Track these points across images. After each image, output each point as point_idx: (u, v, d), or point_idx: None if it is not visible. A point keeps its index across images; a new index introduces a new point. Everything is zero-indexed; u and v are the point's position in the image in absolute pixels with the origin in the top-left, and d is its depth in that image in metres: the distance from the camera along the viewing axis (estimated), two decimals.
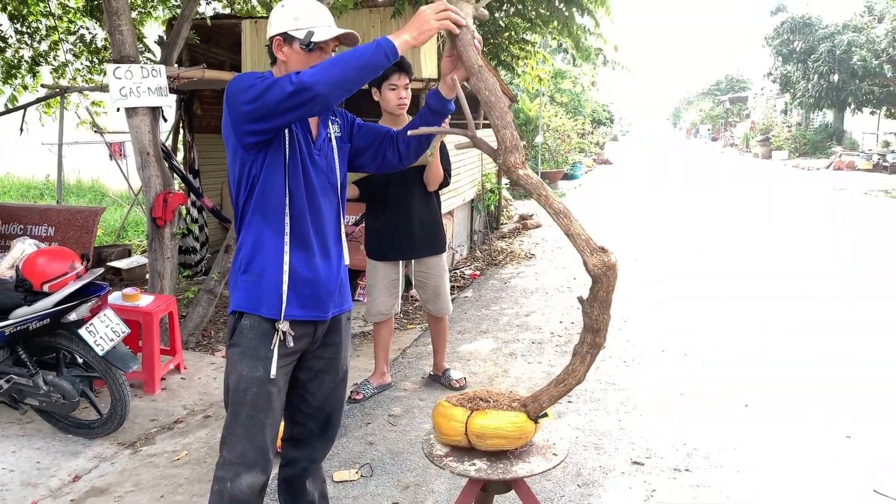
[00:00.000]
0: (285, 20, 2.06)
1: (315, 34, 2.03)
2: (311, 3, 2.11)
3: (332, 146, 2.21)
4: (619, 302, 6.01)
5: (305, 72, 1.87)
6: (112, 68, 4.65)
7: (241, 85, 1.96)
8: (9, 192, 12.39)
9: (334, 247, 2.19)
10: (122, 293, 4.22)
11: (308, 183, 2.10)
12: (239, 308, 2.08)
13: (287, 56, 2.07)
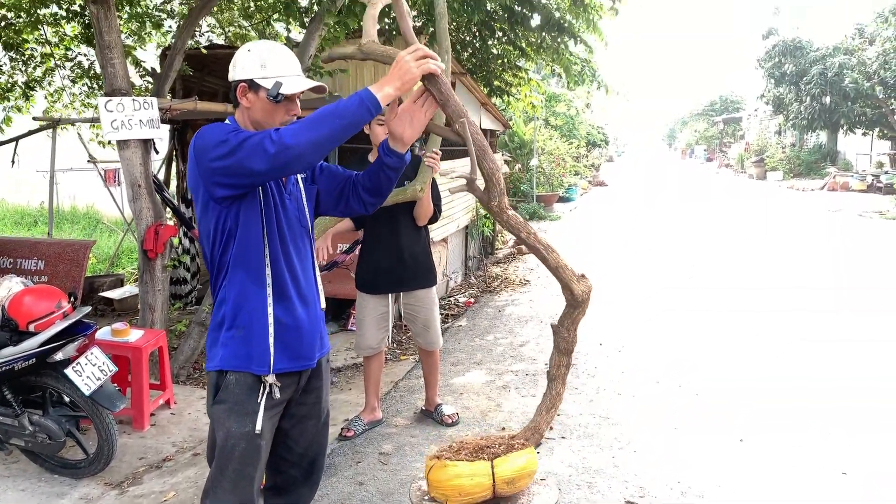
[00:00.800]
0: (252, 67, 2.01)
1: (283, 85, 1.98)
2: (279, 50, 2.06)
3: (300, 188, 2.18)
4: (613, 330, 6.02)
5: (286, 131, 1.82)
6: (104, 101, 4.66)
7: (210, 140, 1.90)
8: (3, 220, 12.37)
9: (312, 291, 2.17)
10: (112, 328, 4.18)
11: (281, 230, 2.06)
12: (226, 367, 2.02)
13: (252, 103, 2.02)
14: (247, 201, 1.99)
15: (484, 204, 2.17)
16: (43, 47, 7.98)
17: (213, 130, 1.93)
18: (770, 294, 7.38)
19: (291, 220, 2.10)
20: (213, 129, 1.94)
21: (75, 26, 7.94)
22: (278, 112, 2.02)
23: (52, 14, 7.79)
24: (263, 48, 2.04)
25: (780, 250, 10.16)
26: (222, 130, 1.91)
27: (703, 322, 6.30)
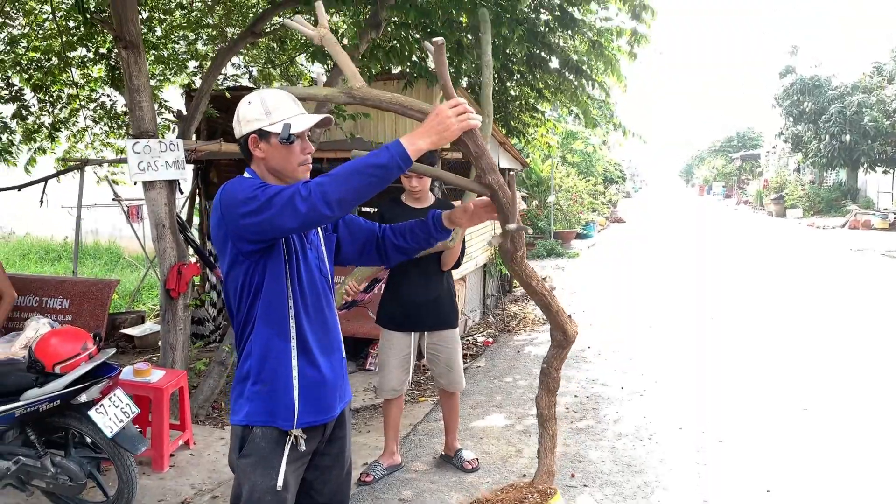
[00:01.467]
0: (257, 117, 2.00)
1: (292, 125, 1.98)
2: (279, 95, 2.05)
3: (319, 237, 2.18)
4: (635, 373, 5.95)
5: (316, 187, 1.80)
6: (131, 143, 4.75)
7: (237, 196, 1.89)
8: (28, 255, 12.55)
9: (335, 340, 2.17)
10: (133, 368, 4.21)
11: (303, 281, 2.06)
12: (251, 422, 2.02)
13: (265, 152, 2.02)
14: (272, 255, 1.99)
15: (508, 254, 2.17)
16: (70, 89, 8.18)
17: (240, 186, 1.92)
18: (795, 337, 7.28)
19: (312, 270, 2.10)
20: (239, 185, 1.93)
21: (101, 68, 8.16)
22: (293, 154, 2.02)
23: (80, 56, 8.02)
24: (263, 96, 2.03)
25: (805, 291, 10.05)
26: (249, 186, 1.90)
27: (726, 365, 6.22)
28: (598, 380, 5.87)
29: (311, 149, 2.08)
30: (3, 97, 7.80)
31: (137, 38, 4.78)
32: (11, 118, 7.90)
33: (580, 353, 6.80)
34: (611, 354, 6.73)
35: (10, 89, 7.85)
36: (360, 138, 6.55)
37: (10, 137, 7.94)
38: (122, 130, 8.36)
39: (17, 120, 7.92)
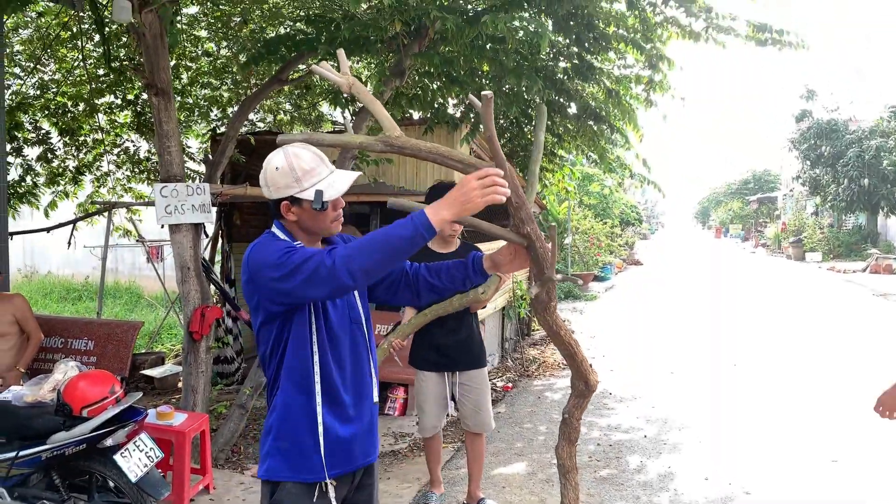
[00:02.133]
0: (287, 184, 1.97)
1: (325, 192, 1.95)
2: (306, 156, 1.99)
3: None
4: (658, 422, 5.87)
5: (340, 259, 1.80)
6: (159, 187, 4.84)
7: (267, 259, 1.90)
8: (50, 294, 12.71)
9: (366, 387, 2.15)
10: (157, 411, 4.21)
11: (331, 332, 2.05)
12: (276, 478, 2.03)
13: (298, 215, 2.01)
14: (299, 311, 2.01)
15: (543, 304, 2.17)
16: (96, 134, 8.38)
17: (268, 249, 1.93)
18: (821, 385, 7.16)
19: (342, 318, 2.09)
20: (267, 248, 1.94)
21: (127, 114, 8.36)
22: (326, 215, 2.02)
23: (108, 103, 8.23)
24: (291, 161, 1.97)
25: (829, 337, 9.91)
26: (276, 250, 1.91)
27: (751, 413, 6.13)
28: (620, 427, 5.80)
29: (342, 204, 2.07)
30: (31, 140, 7.99)
31: (168, 86, 4.92)
32: (36, 160, 8.08)
33: (602, 399, 6.73)
34: (632, 401, 6.65)
35: (37, 133, 8.05)
36: (383, 182, 6.64)
37: (34, 179, 8.11)
38: (143, 175, 8.52)
39: (41, 163, 8.10)
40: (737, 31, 5.69)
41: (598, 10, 5.70)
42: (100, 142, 8.38)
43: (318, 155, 2.03)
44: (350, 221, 7.25)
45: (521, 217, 1.98)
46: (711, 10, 5.59)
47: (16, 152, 7.85)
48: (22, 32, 7.79)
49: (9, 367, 4.64)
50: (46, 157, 8.09)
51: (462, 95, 6.51)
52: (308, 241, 2.08)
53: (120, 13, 4.52)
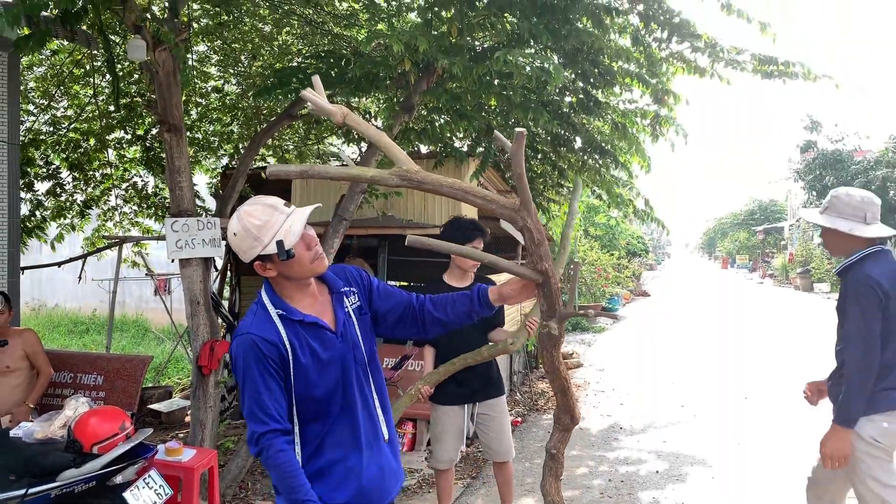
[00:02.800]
0: (251, 245, 1.96)
1: (285, 240, 1.94)
2: (256, 212, 1.97)
3: (352, 322, 2.14)
4: (669, 456, 5.80)
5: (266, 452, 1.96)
6: (170, 222, 4.88)
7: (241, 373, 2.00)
8: (58, 328, 12.73)
9: (375, 429, 2.14)
10: (166, 447, 4.19)
11: (334, 377, 2.07)
12: None
13: (275, 268, 2.01)
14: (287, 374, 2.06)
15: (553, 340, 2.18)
16: (105, 169, 8.46)
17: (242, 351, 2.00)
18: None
19: (347, 365, 2.08)
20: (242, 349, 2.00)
21: (137, 149, 8.46)
22: (301, 259, 2.01)
23: (118, 138, 8.33)
24: (244, 221, 1.96)
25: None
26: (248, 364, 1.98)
27: (765, 447, 6.05)
28: (630, 461, 5.73)
29: (314, 240, 2.05)
30: (41, 175, 8.07)
31: (180, 122, 4.99)
32: (45, 195, 8.15)
33: (612, 433, 6.67)
34: (643, 436, 6.58)
35: (48, 168, 8.13)
36: (392, 215, 6.68)
37: (42, 214, 8.17)
38: (150, 210, 8.59)
39: (50, 197, 8.17)
40: (742, 66, 5.75)
41: (604, 45, 5.78)
42: (108, 176, 8.46)
43: (268, 205, 1.99)
44: (358, 254, 7.28)
45: (539, 254, 2.00)
46: (716, 45, 5.65)
47: (27, 187, 7.94)
48: (36, 70, 7.93)
49: (18, 402, 4.63)
50: (55, 191, 8.16)
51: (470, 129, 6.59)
52: (298, 289, 2.08)
53: (135, 52, 4.61)
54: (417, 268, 9.07)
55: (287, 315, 2.03)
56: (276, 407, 1.98)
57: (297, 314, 2.04)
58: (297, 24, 7.38)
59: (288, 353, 1.99)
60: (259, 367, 1.97)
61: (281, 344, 1.99)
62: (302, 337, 2.03)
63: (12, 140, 5.74)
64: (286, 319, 2.03)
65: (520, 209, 1.97)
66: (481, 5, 5.32)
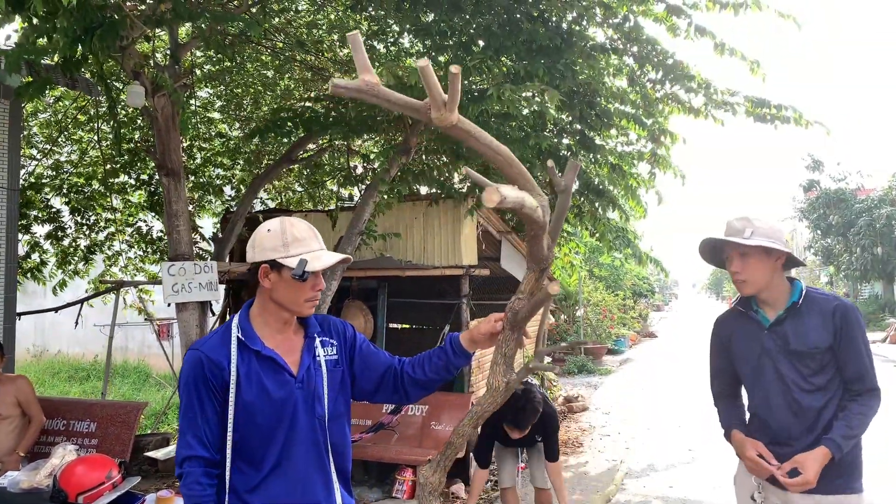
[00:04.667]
0: (274, 246, 1.91)
1: (309, 262, 1.88)
2: (300, 227, 1.96)
3: (321, 373, 2.00)
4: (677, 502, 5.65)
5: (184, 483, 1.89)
6: (167, 266, 4.87)
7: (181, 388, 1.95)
8: (58, 374, 12.65)
9: (336, 494, 1.99)
10: (157, 496, 4.08)
11: (280, 419, 1.93)
12: None
13: (273, 284, 1.92)
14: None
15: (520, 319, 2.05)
16: (108, 213, 8.50)
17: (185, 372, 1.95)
18: None
19: (296, 415, 1.94)
20: (185, 366, 1.95)
21: (141, 194, 8.51)
22: (303, 290, 1.92)
23: (122, 183, 8.39)
24: (285, 226, 1.94)
25: None
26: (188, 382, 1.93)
27: None
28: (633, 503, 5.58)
29: (322, 286, 1.99)
30: (41, 218, 8.09)
31: (178, 167, 5.01)
32: (45, 238, 8.15)
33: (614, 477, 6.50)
34: (649, 481, 6.42)
35: (48, 211, 8.16)
36: (390, 257, 6.66)
37: (41, 256, 8.16)
38: (156, 256, 8.59)
39: (51, 240, 8.17)
40: (735, 109, 5.78)
41: (601, 86, 5.83)
42: (112, 221, 8.49)
43: (312, 229, 1.99)
44: (358, 296, 7.23)
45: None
46: (710, 85, 5.69)
47: (24, 229, 7.96)
48: (40, 116, 8.04)
49: (9, 450, 4.54)
50: (56, 234, 8.17)
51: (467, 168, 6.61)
52: (276, 321, 1.98)
53: (134, 98, 4.66)
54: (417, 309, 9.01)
55: (246, 342, 1.93)
56: (208, 433, 1.89)
57: (257, 343, 1.93)
58: (298, 70, 7.50)
59: (230, 380, 1.89)
60: (199, 388, 1.89)
61: (226, 369, 1.90)
62: (254, 369, 1.92)
63: (12, 186, 5.78)
64: (244, 346, 1.92)
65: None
66: (477, 49, 5.39)
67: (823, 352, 2.46)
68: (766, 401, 2.59)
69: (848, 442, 2.37)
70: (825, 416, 2.45)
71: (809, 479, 2.35)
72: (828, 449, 2.36)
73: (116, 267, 8.66)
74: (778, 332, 2.54)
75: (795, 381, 2.49)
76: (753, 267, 2.52)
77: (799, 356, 2.48)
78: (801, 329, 2.49)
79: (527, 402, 4.05)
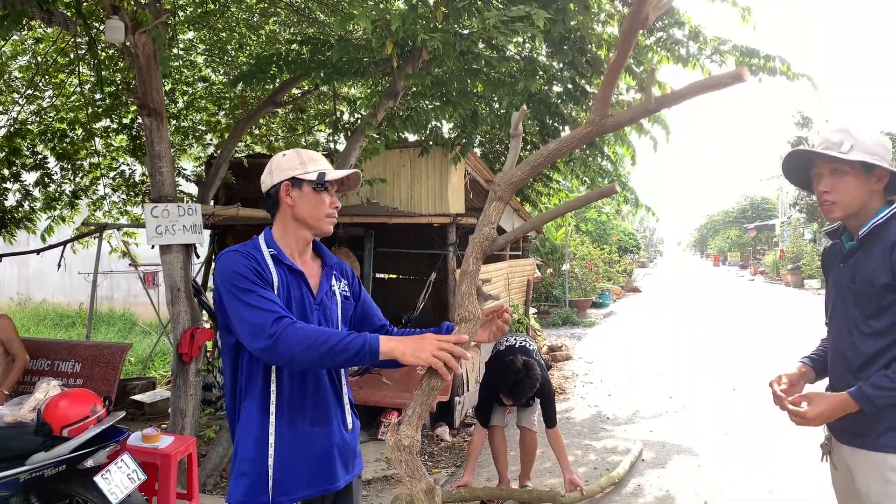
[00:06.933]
0: (293, 166, 2.05)
1: (326, 174, 2.05)
2: (314, 153, 2.14)
3: (335, 301, 2.13)
4: (655, 445, 5.77)
5: (284, 334, 1.80)
6: (150, 207, 4.81)
7: (231, 269, 1.93)
8: (44, 321, 12.60)
9: (334, 410, 2.08)
10: (142, 434, 4.12)
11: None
12: (234, 501, 1.98)
13: (295, 200, 2.05)
14: None
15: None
16: (92, 158, 8.37)
17: (236, 263, 1.93)
18: None
19: None
20: (236, 262, 1.94)
21: (123, 138, 8.37)
22: (322, 204, 2.06)
23: (104, 127, 8.24)
24: (299, 150, 2.12)
25: None
26: (244, 268, 1.92)
27: (750, 438, 6.02)
28: (617, 450, 5.70)
29: (338, 204, 2.12)
30: (28, 165, 7.98)
31: (160, 107, 4.91)
32: (34, 185, 8.07)
33: (598, 423, 6.63)
34: (630, 425, 6.55)
35: (34, 157, 8.05)
36: (377, 203, 6.62)
37: (31, 205, 8.09)
38: (139, 199, 8.50)
39: (39, 187, 8.08)
40: (724, 59, 5.71)
41: (590, 32, 5.73)
42: (96, 166, 8.37)
43: (324, 157, 2.16)
44: (344, 244, 7.21)
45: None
46: (700, 34, 5.61)
47: (14, 178, 7.84)
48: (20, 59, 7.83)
49: None
50: (44, 181, 8.07)
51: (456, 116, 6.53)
52: (297, 241, 2.08)
53: (112, 33, 4.53)
54: (404, 259, 9.00)
55: (278, 256, 2.03)
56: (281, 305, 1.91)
57: (287, 259, 2.04)
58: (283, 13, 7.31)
59: (272, 281, 1.97)
60: (253, 276, 1.92)
61: (267, 270, 1.98)
62: (285, 280, 2.00)
63: None
64: (276, 260, 2.02)
65: None
66: None
67: (879, 290, 2.08)
68: (833, 343, 2.32)
69: (881, 394, 2.00)
70: (877, 365, 2.09)
71: (807, 415, 2.15)
72: (849, 396, 2.06)
73: (101, 211, 8.56)
74: (848, 264, 2.22)
75: (856, 321, 2.16)
76: (847, 186, 2.15)
77: (860, 294, 2.15)
78: (867, 262, 2.14)
79: (527, 375, 4.12)
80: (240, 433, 2.00)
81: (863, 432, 2.11)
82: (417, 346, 1.82)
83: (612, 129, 1.96)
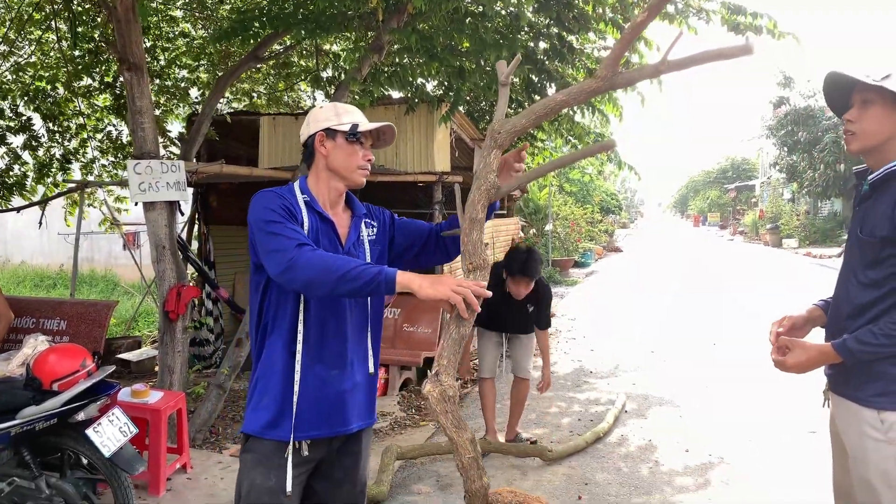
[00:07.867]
0: (328, 117, 2.11)
1: (359, 126, 2.10)
2: (351, 107, 2.18)
3: (363, 249, 2.16)
4: (638, 398, 5.90)
5: (303, 259, 1.83)
6: (133, 164, 4.75)
7: (264, 205, 1.97)
8: (24, 282, 12.47)
9: (356, 355, 2.11)
10: (132, 389, 4.15)
11: None
12: (250, 432, 2.02)
13: (329, 150, 2.09)
14: None
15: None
16: (78, 119, 8.20)
17: (270, 202, 1.98)
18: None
19: None
20: (270, 200, 1.98)
21: (107, 97, 8.19)
22: (355, 155, 2.10)
23: (86, 86, 8.05)
24: (336, 103, 2.18)
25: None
26: (277, 206, 1.96)
27: (729, 389, 6.17)
28: (600, 402, 5.82)
29: (371, 157, 2.15)
30: (14, 128, 7.80)
31: (141, 60, 4.81)
32: (23, 148, 7.89)
33: (582, 377, 6.75)
34: (613, 378, 6.67)
35: (18, 119, 7.86)
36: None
37: (22, 169, 7.93)
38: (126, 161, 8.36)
39: (28, 150, 7.91)
40: (709, 16, 5.67)
41: None
42: (82, 127, 8.21)
43: (361, 113, 2.18)
44: None
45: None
46: None
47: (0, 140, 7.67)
48: None
49: None
50: (31, 144, 7.90)
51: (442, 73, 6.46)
52: (329, 192, 2.12)
53: None
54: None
55: (311, 203, 2.08)
56: (307, 238, 1.96)
57: (318, 206, 2.09)
58: None
59: (303, 222, 2.01)
60: (284, 213, 1.96)
61: (299, 213, 2.02)
62: (315, 226, 2.05)
63: None
64: (309, 206, 2.07)
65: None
66: None
67: (879, 242, 1.99)
68: (836, 287, 2.22)
69: (863, 348, 1.96)
70: (867, 316, 2.03)
71: (786, 362, 2.14)
72: (832, 347, 2.04)
73: (92, 176, 8.42)
74: (858, 211, 2.12)
75: (856, 269, 2.09)
76: (872, 117, 2.01)
77: (863, 243, 2.06)
78: (874, 211, 2.02)
79: (530, 254, 4.41)
80: (261, 369, 2.04)
81: (847, 382, 2.10)
82: (437, 280, 1.82)
83: (623, 84, 1.98)
